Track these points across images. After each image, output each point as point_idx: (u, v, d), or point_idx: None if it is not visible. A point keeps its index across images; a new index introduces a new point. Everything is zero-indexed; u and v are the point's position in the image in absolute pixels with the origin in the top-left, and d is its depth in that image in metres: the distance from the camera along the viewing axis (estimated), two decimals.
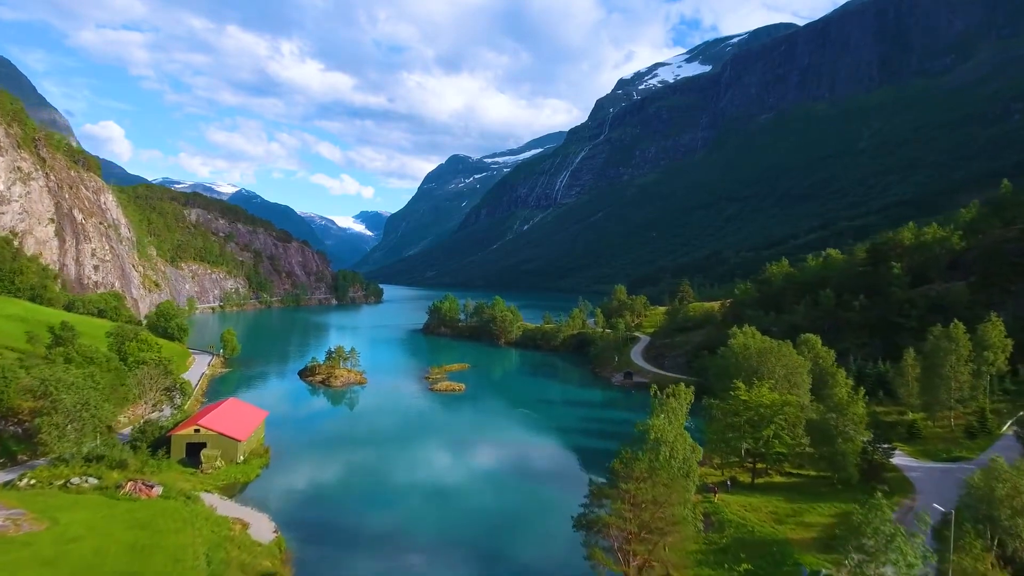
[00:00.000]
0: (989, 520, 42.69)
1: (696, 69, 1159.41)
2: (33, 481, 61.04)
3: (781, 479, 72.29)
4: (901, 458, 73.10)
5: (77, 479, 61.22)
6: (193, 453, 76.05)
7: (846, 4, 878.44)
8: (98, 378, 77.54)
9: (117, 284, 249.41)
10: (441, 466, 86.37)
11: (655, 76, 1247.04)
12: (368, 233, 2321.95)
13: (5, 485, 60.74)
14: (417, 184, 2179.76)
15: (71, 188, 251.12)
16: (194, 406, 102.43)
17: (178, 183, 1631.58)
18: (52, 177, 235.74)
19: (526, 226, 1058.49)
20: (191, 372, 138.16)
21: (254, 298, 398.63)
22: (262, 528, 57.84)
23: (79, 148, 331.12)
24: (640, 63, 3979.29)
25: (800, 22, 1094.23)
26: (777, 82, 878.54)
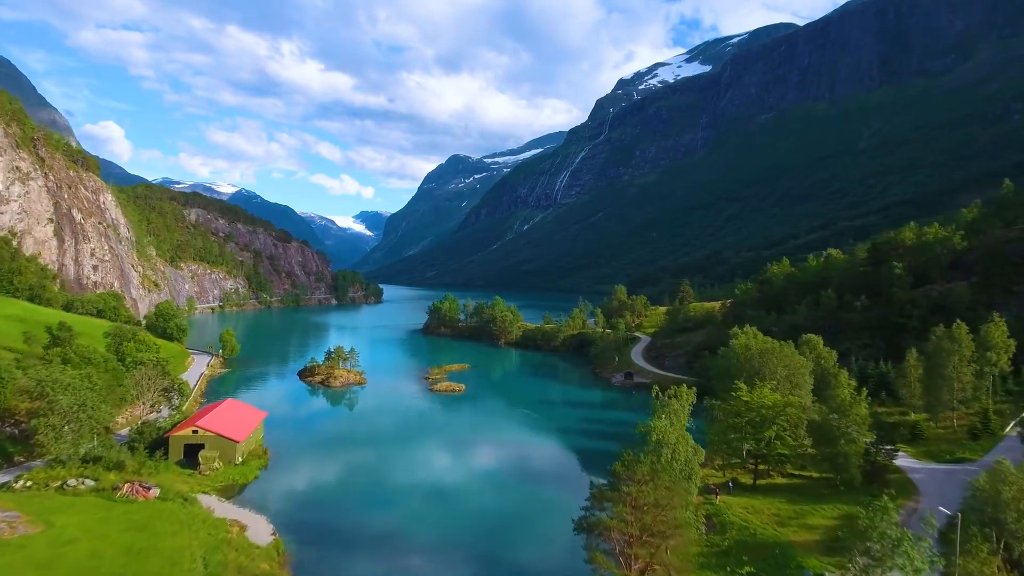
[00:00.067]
0: (995, 523, 42.20)
1: (696, 69, 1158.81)
2: (29, 483, 60.52)
3: (783, 480, 71.84)
4: (904, 459, 72.59)
5: (73, 481, 60.69)
6: (191, 454, 75.56)
7: (846, 4, 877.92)
8: (95, 379, 77.03)
9: (116, 284, 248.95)
10: (441, 467, 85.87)
11: (655, 76, 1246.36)
12: (368, 233, 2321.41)
13: (1, 487, 60.25)
14: (417, 184, 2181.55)
15: (70, 188, 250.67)
16: (193, 407, 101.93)
17: (178, 183, 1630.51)
18: (51, 177, 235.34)
19: (526, 226, 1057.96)
20: (190, 372, 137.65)
21: (254, 298, 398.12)
22: (260, 530, 57.30)
23: (78, 148, 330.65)
24: (640, 63, 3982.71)
25: (800, 22, 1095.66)
26: (777, 82, 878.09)
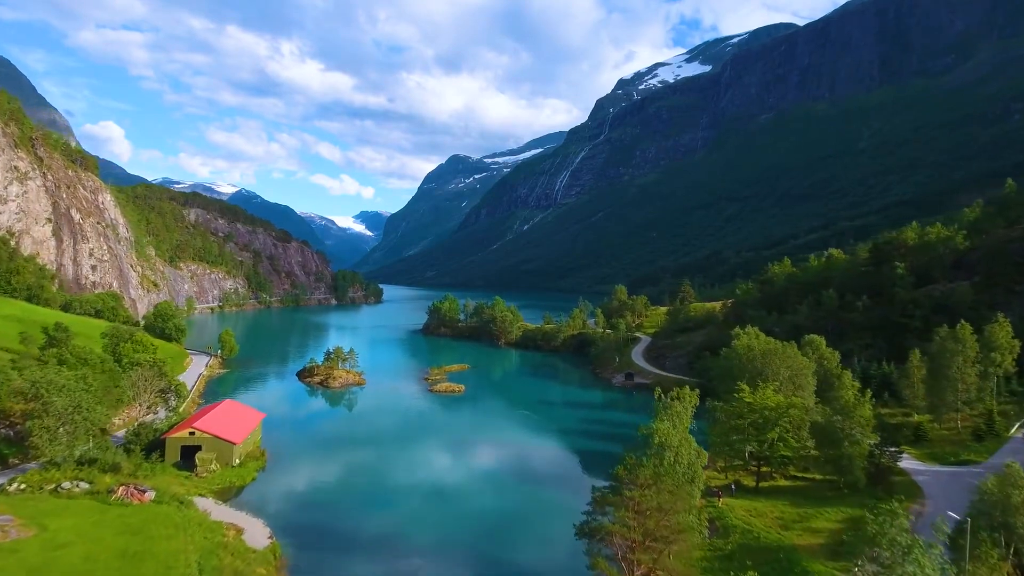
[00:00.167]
0: (1004, 528, 41.46)
1: (696, 69, 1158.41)
2: (23, 486, 59.79)
3: (786, 483, 71.10)
4: (908, 461, 71.87)
5: (68, 483, 59.98)
6: (188, 456, 74.79)
7: (846, 4, 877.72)
8: (91, 380, 76.27)
9: (115, 284, 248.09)
10: (440, 468, 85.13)
11: (655, 76, 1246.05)
12: (368, 233, 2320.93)
13: None
14: (417, 184, 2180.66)
15: (69, 188, 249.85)
16: (191, 408, 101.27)
17: (178, 183, 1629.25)
18: (49, 176, 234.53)
19: (526, 226, 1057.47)
20: (188, 373, 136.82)
21: (253, 298, 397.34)
22: (257, 534, 56.57)
23: (77, 148, 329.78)
24: (640, 63, 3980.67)
25: (800, 22, 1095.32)
26: (777, 82, 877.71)
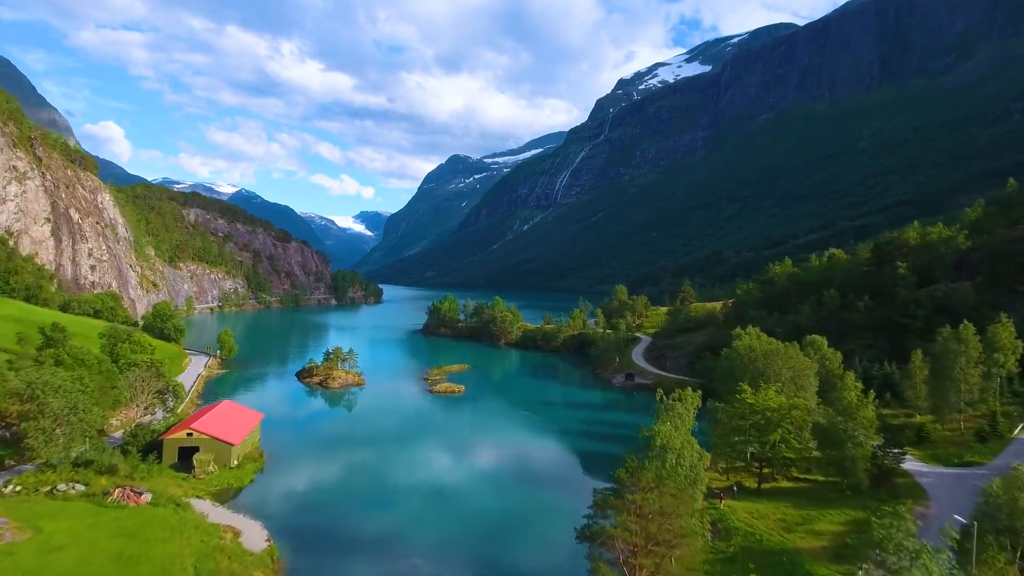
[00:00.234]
0: (1010, 531, 40.91)
1: (696, 69, 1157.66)
2: (18, 488, 59.23)
3: (788, 484, 70.53)
4: (911, 463, 71.25)
5: (63, 485, 59.41)
6: (185, 457, 74.24)
7: (846, 4, 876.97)
8: (87, 381, 75.70)
9: (114, 284, 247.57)
10: (440, 469, 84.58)
11: (655, 76, 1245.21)
12: (368, 233, 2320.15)
13: None
14: (417, 184, 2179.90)
15: (67, 187, 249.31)
16: (189, 408, 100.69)
17: (178, 183, 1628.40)
18: (48, 176, 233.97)
19: (526, 226, 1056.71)
20: (187, 374, 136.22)
21: (253, 298, 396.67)
22: (254, 536, 56.04)
23: (76, 147, 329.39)
24: (640, 63, 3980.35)
25: (800, 22, 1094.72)
26: (777, 82, 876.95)
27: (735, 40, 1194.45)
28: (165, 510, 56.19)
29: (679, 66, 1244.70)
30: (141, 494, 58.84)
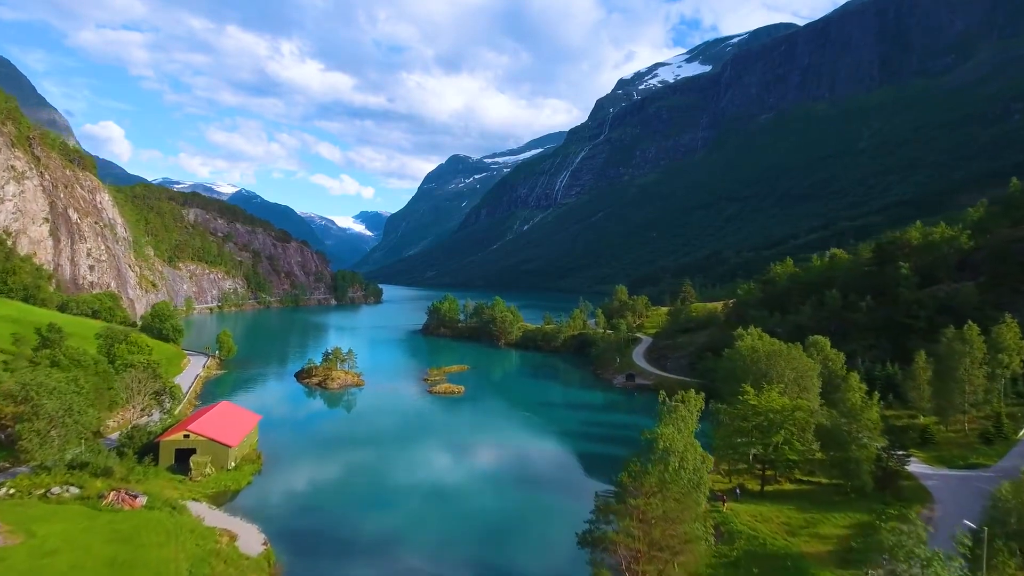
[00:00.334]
0: (1020, 536, 40.15)
1: (696, 69, 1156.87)
2: (12, 490, 58.40)
3: (791, 487, 69.76)
4: (916, 465, 70.52)
5: (58, 488, 58.57)
6: (182, 459, 73.44)
7: (846, 4, 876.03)
8: (83, 382, 74.91)
9: (113, 284, 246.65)
10: (440, 471, 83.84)
11: (655, 76, 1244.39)
12: (368, 233, 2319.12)
13: None
14: (417, 184, 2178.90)
15: (66, 187, 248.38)
16: (187, 410, 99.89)
17: (178, 183, 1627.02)
18: (47, 176, 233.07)
19: (526, 226, 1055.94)
20: (185, 374, 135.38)
21: (252, 298, 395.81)
22: (251, 539, 55.29)
23: (75, 147, 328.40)
24: (640, 63, 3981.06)
25: (800, 22, 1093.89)
26: (777, 82, 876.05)
27: (735, 40, 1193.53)
28: (160, 513, 55.41)
29: (679, 66, 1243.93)
30: (136, 497, 58.06)
